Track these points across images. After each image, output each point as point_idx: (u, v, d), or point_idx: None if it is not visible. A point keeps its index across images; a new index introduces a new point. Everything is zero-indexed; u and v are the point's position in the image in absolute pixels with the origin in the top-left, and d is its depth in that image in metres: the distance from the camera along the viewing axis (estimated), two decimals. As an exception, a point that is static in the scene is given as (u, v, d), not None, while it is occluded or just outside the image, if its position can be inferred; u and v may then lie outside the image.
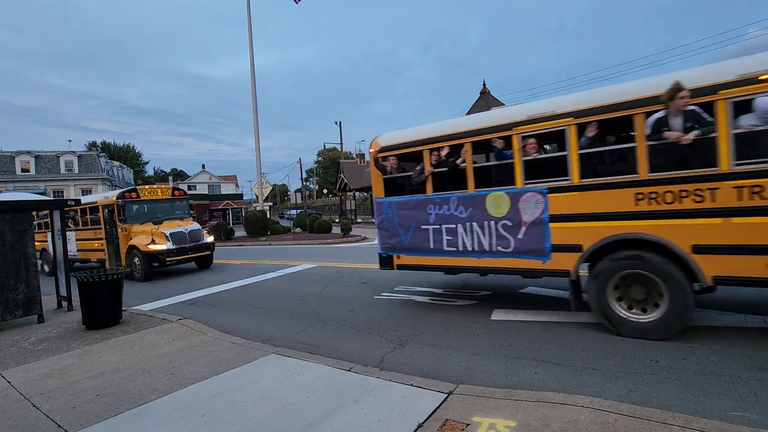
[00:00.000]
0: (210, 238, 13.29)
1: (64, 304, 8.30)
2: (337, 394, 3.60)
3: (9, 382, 4.53)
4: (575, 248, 5.00)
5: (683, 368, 3.86)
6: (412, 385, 3.66)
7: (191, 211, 14.58)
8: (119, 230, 12.51)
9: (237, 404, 3.57)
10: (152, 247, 11.55)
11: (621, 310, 4.77)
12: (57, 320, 7.37)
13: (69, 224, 13.45)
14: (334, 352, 4.97)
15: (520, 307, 6.23)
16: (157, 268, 11.96)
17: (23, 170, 43.07)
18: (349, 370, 4.12)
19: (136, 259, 11.88)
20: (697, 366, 3.88)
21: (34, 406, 3.87)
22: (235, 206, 61.33)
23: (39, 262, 15.17)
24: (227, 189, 72.21)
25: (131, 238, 12.14)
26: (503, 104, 25.14)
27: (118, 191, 13.24)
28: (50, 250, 13.95)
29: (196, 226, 13.10)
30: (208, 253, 13.10)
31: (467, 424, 2.94)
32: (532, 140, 5.35)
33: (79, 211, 13.87)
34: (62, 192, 42.18)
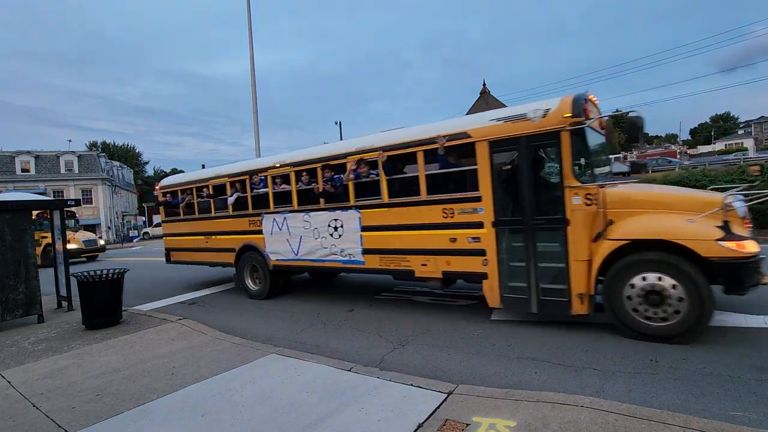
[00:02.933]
0: None
1: (64, 304, 8.30)
2: (337, 394, 3.60)
3: (9, 382, 4.53)
4: None
5: (683, 368, 3.85)
6: (412, 385, 3.66)
7: None
8: (576, 202, 4.81)
9: (237, 404, 3.57)
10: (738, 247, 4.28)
11: None
12: (57, 320, 7.37)
13: (317, 191, 6.92)
14: (334, 352, 4.97)
15: (520, 307, 6.22)
16: None
17: (23, 170, 43.04)
18: (349, 370, 4.11)
19: (677, 289, 4.36)
20: (697, 366, 3.88)
21: (34, 406, 3.87)
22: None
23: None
24: (227, 189, 71.81)
25: (623, 220, 4.68)
26: (503, 104, 25.15)
27: (556, 100, 4.97)
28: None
29: None
30: None
31: (467, 424, 2.94)
32: None
33: (363, 161, 6.35)
34: (62, 192, 42.17)
